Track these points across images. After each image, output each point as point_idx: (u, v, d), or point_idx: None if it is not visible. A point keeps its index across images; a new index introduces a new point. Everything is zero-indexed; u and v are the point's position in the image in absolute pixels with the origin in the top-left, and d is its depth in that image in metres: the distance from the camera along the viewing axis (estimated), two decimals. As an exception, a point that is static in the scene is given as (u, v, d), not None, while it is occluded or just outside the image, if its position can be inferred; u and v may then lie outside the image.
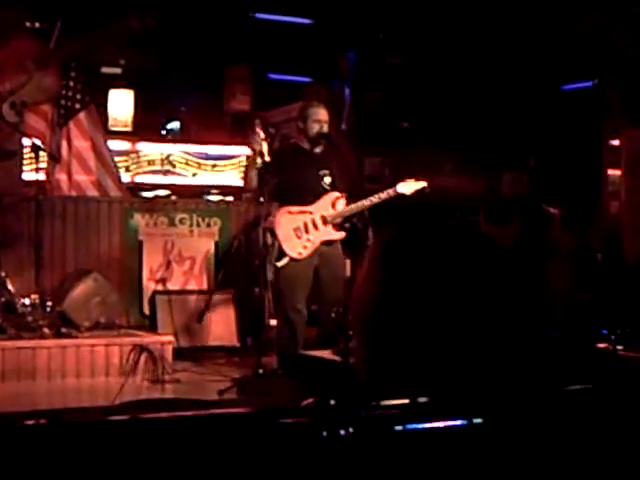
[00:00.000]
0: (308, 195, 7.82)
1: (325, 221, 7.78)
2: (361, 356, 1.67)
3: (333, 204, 7.84)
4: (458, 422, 1.40)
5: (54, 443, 1.27)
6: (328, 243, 7.82)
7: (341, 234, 7.88)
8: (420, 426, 1.38)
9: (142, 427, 1.32)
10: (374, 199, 7.77)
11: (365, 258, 1.71)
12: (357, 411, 1.38)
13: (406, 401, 1.43)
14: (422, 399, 1.44)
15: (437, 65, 14.76)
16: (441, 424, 1.40)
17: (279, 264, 7.69)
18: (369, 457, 1.34)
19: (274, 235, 7.71)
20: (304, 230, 7.74)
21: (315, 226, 7.77)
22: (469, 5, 13.39)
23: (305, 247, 7.74)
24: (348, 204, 7.86)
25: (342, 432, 1.32)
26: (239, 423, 1.34)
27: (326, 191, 7.86)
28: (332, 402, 1.38)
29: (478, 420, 1.41)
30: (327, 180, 7.87)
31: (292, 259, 7.71)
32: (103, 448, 1.28)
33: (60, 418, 1.31)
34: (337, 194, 7.85)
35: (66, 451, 1.26)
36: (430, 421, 1.39)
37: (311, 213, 7.79)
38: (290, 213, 7.79)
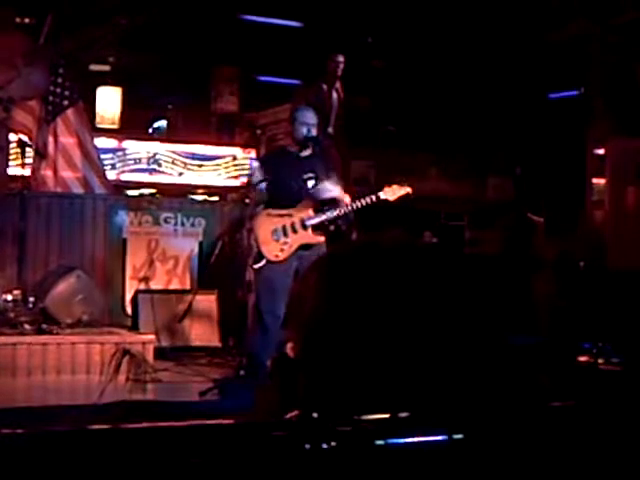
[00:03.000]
0: (290, 198, 7.81)
1: (304, 225, 7.76)
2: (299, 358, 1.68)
3: (314, 208, 7.82)
4: (439, 437, 1.41)
5: (33, 453, 1.27)
6: (307, 247, 7.78)
7: (320, 238, 7.85)
8: (401, 441, 1.39)
9: (123, 437, 1.33)
10: (355, 205, 7.77)
11: (311, 269, 1.72)
12: (339, 425, 1.39)
13: (387, 415, 1.44)
14: (403, 414, 1.45)
15: (424, 70, 14.78)
16: (421, 439, 1.41)
17: (256, 266, 7.67)
18: (351, 470, 1.35)
19: (254, 237, 7.71)
20: (282, 233, 7.72)
21: (294, 229, 7.75)
22: (457, 12, 13.41)
23: (282, 250, 7.72)
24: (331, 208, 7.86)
25: (324, 445, 1.33)
26: (222, 435, 1.35)
27: (308, 195, 7.84)
28: (315, 415, 1.38)
29: (459, 435, 1.42)
30: (311, 183, 7.85)
31: (269, 261, 7.70)
32: (83, 457, 1.28)
33: (39, 423, 1.32)
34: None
35: (45, 461, 1.26)
36: (411, 436, 1.40)
37: (291, 216, 7.77)
38: (269, 215, 7.77)
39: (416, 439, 1.43)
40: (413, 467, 1.38)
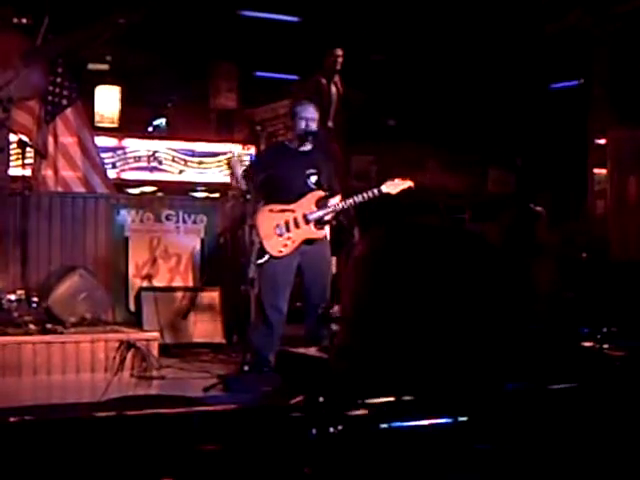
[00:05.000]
0: (292, 193, 7.79)
1: (307, 220, 7.75)
2: (345, 346, 1.68)
3: (316, 203, 7.81)
4: (443, 420, 1.41)
5: (40, 439, 1.27)
6: (311, 241, 7.78)
7: (323, 233, 7.85)
8: (405, 424, 1.39)
9: (128, 424, 1.33)
10: (357, 199, 7.75)
11: (352, 257, 1.72)
12: (346, 409, 1.38)
13: (392, 399, 1.43)
14: (407, 397, 1.45)
15: (424, 62, 14.77)
16: (426, 422, 1.40)
17: (259, 262, 7.65)
18: (357, 454, 1.35)
19: (256, 233, 7.70)
20: (285, 228, 7.71)
21: (296, 224, 7.73)
22: (456, 3, 13.40)
23: (285, 245, 7.70)
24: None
25: (331, 429, 1.32)
26: (228, 420, 1.35)
27: (311, 189, 7.83)
28: (321, 399, 1.38)
29: (463, 418, 1.42)
30: (313, 179, 7.83)
31: (272, 257, 7.69)
32: (90, 444, 1.28)
33: (46, 415, 1.32)
34: (321, 193, 7.82)
35: (52, 447, 1.26)
36: (416, 419, 1.40)
37: (293, 211, 7.75)
38: (271, 211, 7.75)
39: (422, 422, 1.43)
40: (420, 449, 1.38)
